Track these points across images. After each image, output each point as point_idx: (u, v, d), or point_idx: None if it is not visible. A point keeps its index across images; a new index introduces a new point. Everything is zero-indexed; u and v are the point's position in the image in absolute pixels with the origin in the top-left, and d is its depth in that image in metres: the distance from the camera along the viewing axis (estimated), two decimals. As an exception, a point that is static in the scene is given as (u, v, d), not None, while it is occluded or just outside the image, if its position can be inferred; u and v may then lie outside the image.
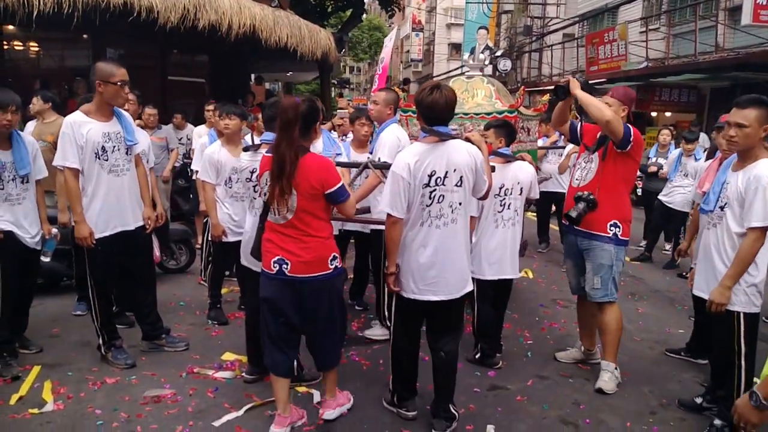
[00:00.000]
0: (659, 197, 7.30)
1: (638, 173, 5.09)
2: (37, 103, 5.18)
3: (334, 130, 7.35)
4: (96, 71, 3.67)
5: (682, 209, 7.07)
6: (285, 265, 3.02)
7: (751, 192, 3.07)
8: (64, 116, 3.91)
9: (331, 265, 3.09)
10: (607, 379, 3.88)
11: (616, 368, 3.94)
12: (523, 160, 4.19)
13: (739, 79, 11.71)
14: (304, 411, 3.36)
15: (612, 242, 3.82)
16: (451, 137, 3.12)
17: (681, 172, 7.07)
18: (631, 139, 3.70)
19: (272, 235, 3.08)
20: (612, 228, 3.81)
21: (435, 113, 3.08)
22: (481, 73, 5.25)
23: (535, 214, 8.41)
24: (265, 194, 3.08)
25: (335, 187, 3.01)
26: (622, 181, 3.85)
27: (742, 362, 3.27)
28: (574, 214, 3.78)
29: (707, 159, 5.59)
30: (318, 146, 4.50)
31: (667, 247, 7.92)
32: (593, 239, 3.86)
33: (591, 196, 3.76)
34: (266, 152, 3.17)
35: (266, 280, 3.12)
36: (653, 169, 7.84)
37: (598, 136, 3.91)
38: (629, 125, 3.74)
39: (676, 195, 7.12)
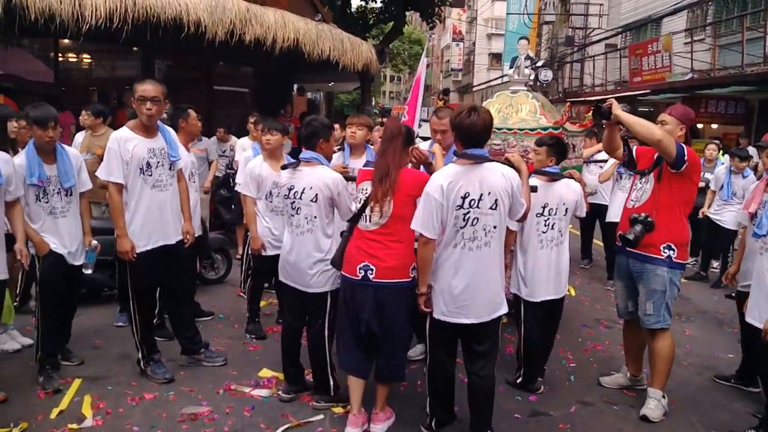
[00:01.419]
0: (708, 214, 7.08)
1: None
2: (88, 118, 5.28)
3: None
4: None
5: (732, 227, 6.85)
6: (370, 271, 3.22)
7: None
8: (113, 126, 3.97)
9: (412, 274, 3.27)
10: (653, 406, 3.75)
11: (663, 396, 3.80)
12: (572, 177, 4.08)
13: (789, 91, 11.35)
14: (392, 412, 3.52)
15: (665, 265, 3.67)
16: (486, 159, 3.08)
17: (731, 190, 6.85)
18: (686, 159, 3.56)
19: (360, 242, 3.29)
20: (666, 250, 3.66)
21: (473, 135, 3.05)
22: (525, 88, 5.16)
23: (576, 227, 8.21)
24: (359, 201, 3.33)
25: None
26: (678, 202, 3.71)
27: None
28: (631, 236, 3.66)
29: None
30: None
31: (715, 264, 7.66)
32: (646, 262, 3.72)
33: (648, 219, 3.64)
34: (364, 166, 3.54)
35: (350, 286, 3.33)
36: (700, 184, 7.59)
37: (654, 156, 3.78)
38: (683, 145, 3.60)
39: (725, 213, 6.89)
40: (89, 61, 11.14)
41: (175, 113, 4.74)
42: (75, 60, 10.97)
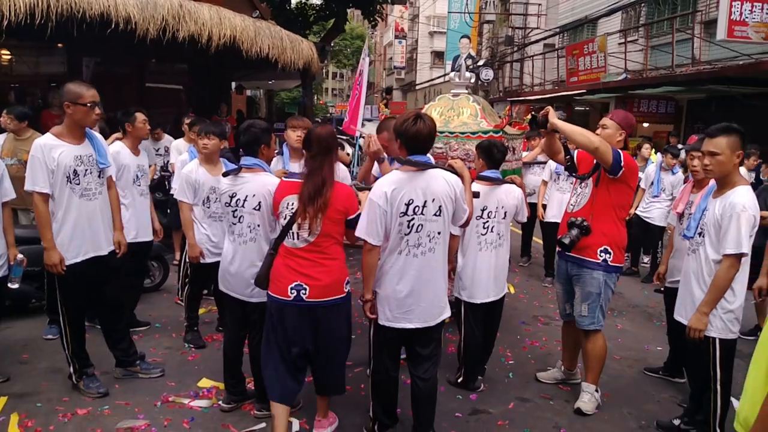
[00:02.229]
0: (636, 212, 7.35)
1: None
2: (11, 123, 5.02)
3: None
4: (65, 93, 3.55)
5: (660, 224, 7.15)
6: (303, 291, 3.08)
7: (726, 219, 3.15)
8: (38, 127, 3.77)
9: (346, 288, 3.20)
10: (587, 400, 3.89)
11: (596, 390, 3.94)
12: (513, 182, 4.14)
13: (715, 91, 11.90)
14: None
15: (601, 268, 3.76)
16: (430, 166, 3.09)
17: (660, 186, 7.15)
18: (622, 165, 3.62)
19: (289, 260, 3.12)
20: (602, 254, 3.75)
21: (418, 143, 3.06)
22: (467, 91, 5.21)
23: (518, 226, 8.39)
24: (285, 218, 3.13)
25: (356, 214, 3.14)
26: (615, 206, 3.77)
27: (719, 387, 3.33)
28: (566, 240, 3.74)
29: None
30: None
31: (645, 259, 7.98)
32: (583, 265, 3.81)
33: (585, 223, 3.73)
34: (286, 178, 3.27)
35: (279, 307, 3.14)
36: None
37: (594, 162, 3.85)
38: (619, 150, 3.67)
39: (653, 210, 7.19)
40: (9, 57, 10.65)
41: (122, 116, 4.69)
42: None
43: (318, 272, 3.10)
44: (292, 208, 3.11)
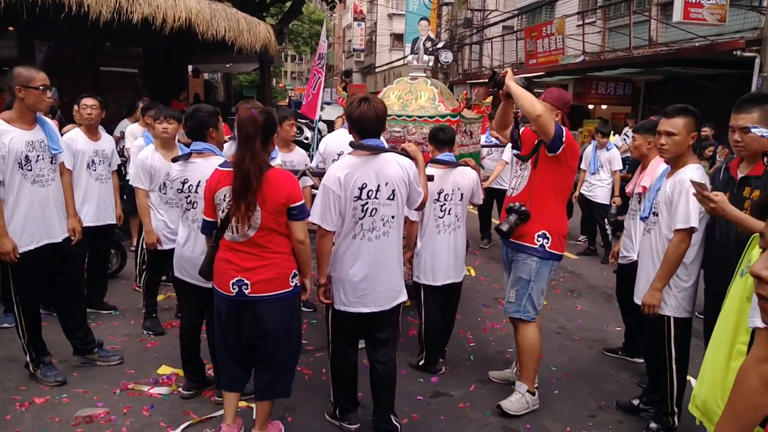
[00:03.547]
0: (581, 191, 7.61)
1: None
2: None
3: None
4: (14, 77, 3.45)
5: (602, 201, 7.43)
6: (245, 286, 2.91)
7: (676, 195, 3.17)
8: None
9: (292, 282, 3.00)
10: (514, 400, 3.66)
11: (528, 391, 3.68)
12: (467, 165, 4.17)
13: (671, 73, 12.15)
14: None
15: (537, 254, 3.57)
16: (382, 150, 3.09)
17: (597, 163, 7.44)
18: (563, 140, 3.44)
19: (230, 255, 2.94)
20: (540, 239, 3.55)
21: (365, 126, 3.05)
22: (424, 75, 5.21)
23: (474, 208, 8.49)
24: (222, 211, 2.93)
25: (299, 203, 2.91)
26: (554, 189, 3.58)
27: (674, 366, 3.36)
28: (504, 227, 3.57)
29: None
30: None
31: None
32: (519, 251, 3.63)
33: (522, 208, 3.55)
34: (220, 166, 3.02)
35: (224, 302, 3.00)
36: None
37: (534, 143, 3.70)
38: (563, 127, 3.49)
39: (595, 189, 7.45)
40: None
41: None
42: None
43: (259, 266, 2.91)
44: (228, 200, 2.90)
